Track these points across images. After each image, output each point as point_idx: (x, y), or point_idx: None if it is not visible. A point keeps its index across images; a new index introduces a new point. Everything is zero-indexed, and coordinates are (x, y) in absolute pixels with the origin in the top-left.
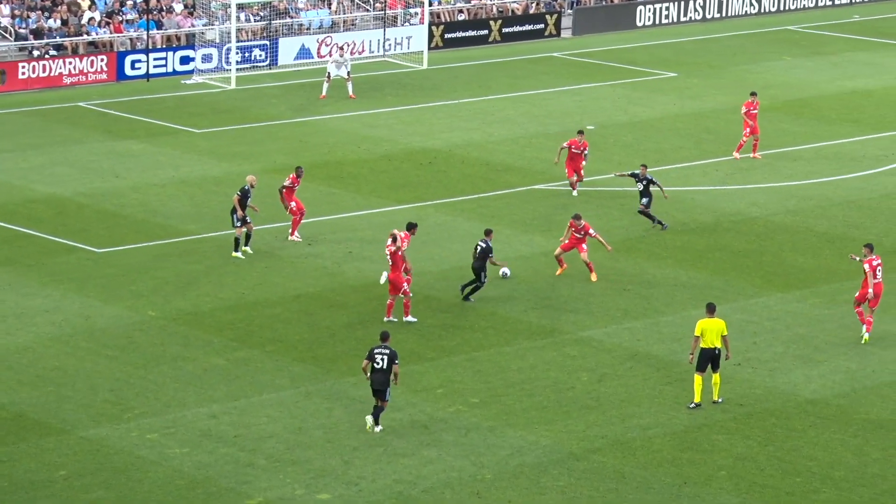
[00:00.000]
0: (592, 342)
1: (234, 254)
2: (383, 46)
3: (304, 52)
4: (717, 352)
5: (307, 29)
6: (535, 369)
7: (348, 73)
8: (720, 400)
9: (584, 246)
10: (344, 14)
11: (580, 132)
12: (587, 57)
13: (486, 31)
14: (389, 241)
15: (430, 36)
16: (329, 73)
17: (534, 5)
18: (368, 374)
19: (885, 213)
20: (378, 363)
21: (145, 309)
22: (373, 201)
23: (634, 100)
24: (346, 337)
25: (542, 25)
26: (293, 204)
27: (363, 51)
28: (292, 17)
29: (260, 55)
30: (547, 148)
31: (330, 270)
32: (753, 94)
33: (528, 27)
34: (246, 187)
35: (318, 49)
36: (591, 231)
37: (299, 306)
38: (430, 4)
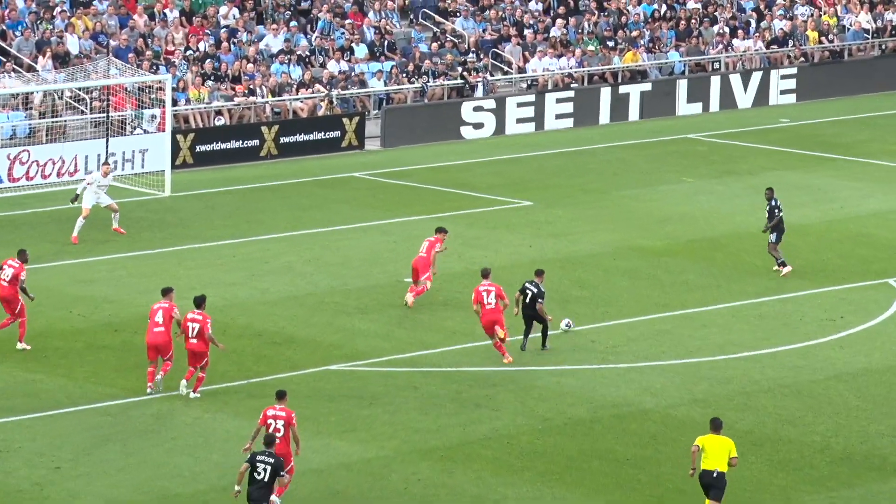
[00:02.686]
0: None
1: None
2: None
3: None
4: (716, 475)
5: None
6: None
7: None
8: None
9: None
10: (49, 118)
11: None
12: (402, 178)
13: (256, 142)
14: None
15: (176, 149)
16: (84, 203)
17: (324, 104)
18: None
19: (835, 404)
20: (259, 473)
21: None
22: (90, 392)
23: (471, 240)
24: None
25: (337, 133)
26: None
27: (75, 171)
28: None
29: None
30: (344, 310)
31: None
32: (440, 230)
33: (317, 136)
34: None
35: (10, 170)
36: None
37: None
38: (175, 103)
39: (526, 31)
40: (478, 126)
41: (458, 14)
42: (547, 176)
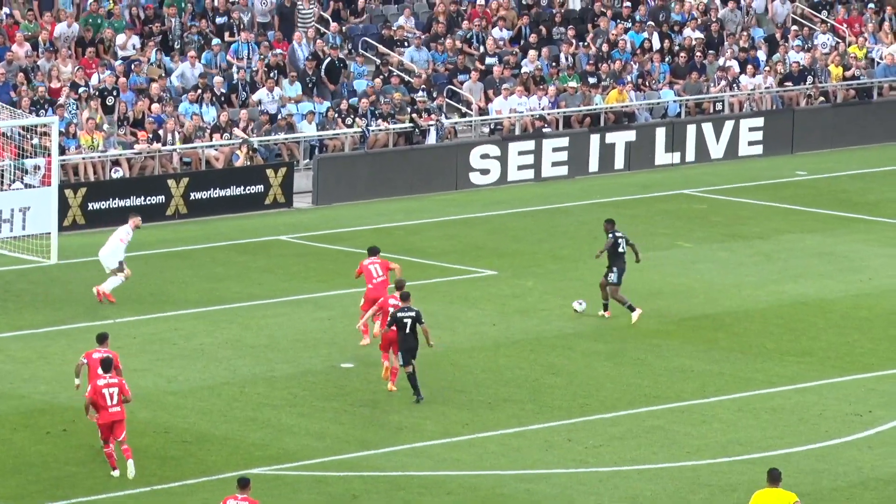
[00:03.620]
0: None
1: None
2: None
3: None
4: None
5: None
6: None
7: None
8: None
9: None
10: None
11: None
12: (339, 242)
13: (161, 198)
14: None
15: (64, 207)
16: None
17: (241, 152)
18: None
19: None
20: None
21: None
22: None
23: (426, 313)
24: None
25: (259, 188)
26: None
27: None
28: None
29: None
30: (268, 402)
31: None
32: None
33: (235, 191)
34: None
35: None
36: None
37: None
38: (63, 151)
39: (489, 63)
40: (428, 179)
41: (405, 43)
42: (512, 240)
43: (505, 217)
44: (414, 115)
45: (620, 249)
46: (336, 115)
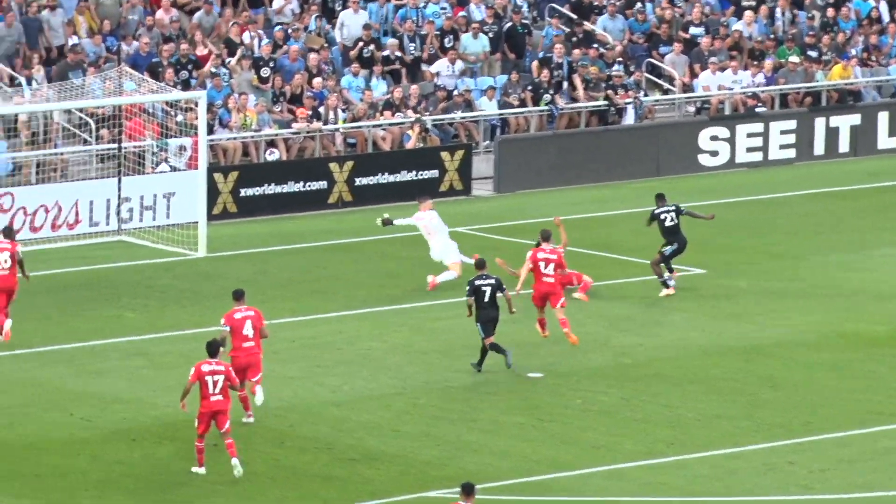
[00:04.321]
0: None
1: None
2: (117, 213)
3: None
4: None
5: None
6: None
7: None
8: None
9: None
10: (40, 150)
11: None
12: (521, 234)
13: (323, 184)
14: None
15: (213, 193)
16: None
17: (413, 132)
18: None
19: None
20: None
21: None
22: None
23: (618, 321)
24: None
25: (434, 173)
26: None
27: (76, 221)
28: None
29: None
30: (444, 415)
31: None
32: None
33: (405, 176)
34: None
35: None
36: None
37: None
38: (212, 130)
39: (694, 33)
40: (624, 164)
41: (600, 11)
42: (721, 233)
43: (714, 207)
44: (609, 92)
45: (668, 223)
46: (519, 91)
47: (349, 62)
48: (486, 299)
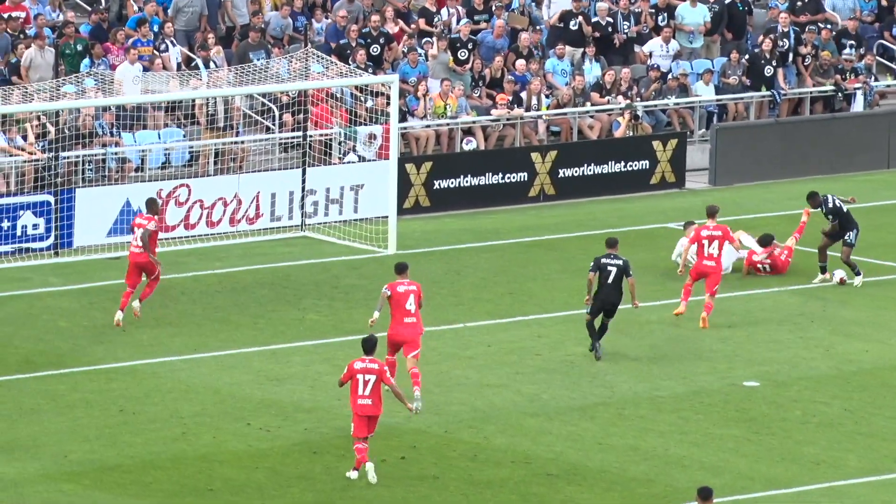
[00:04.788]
0: None
1: None
2: (301, 207)
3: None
4: None
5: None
6: None
7: None
8: None
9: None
10: (219, 139)
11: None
12: (739, 230)
13: (523, 175)
14: None
15: (405, 185)
16: None
17: (623, 119)
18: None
19: None
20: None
21: None
22: None
23: (843, 325)
24: None
25: (644, 164)
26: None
27: (257, 216)
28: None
29: (36, 229)
30: (652, 426)
31: None
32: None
33: (613, 167)
34: None
35: (163, 213)
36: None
37: None
38: (405, 118)
39: None
40: (852, 155)
41: None
42: None
43: None
44: (838, 77)
45: (845, 210)
46: (740, 73)
47: (553, 43)
48: (611, 280)
